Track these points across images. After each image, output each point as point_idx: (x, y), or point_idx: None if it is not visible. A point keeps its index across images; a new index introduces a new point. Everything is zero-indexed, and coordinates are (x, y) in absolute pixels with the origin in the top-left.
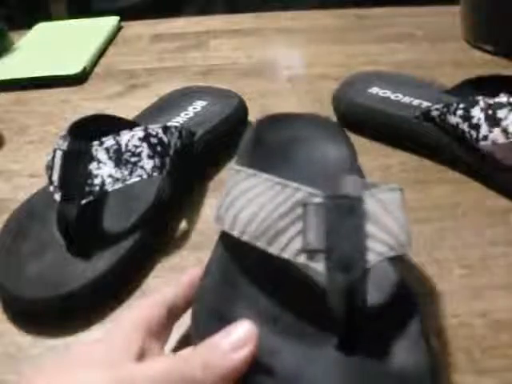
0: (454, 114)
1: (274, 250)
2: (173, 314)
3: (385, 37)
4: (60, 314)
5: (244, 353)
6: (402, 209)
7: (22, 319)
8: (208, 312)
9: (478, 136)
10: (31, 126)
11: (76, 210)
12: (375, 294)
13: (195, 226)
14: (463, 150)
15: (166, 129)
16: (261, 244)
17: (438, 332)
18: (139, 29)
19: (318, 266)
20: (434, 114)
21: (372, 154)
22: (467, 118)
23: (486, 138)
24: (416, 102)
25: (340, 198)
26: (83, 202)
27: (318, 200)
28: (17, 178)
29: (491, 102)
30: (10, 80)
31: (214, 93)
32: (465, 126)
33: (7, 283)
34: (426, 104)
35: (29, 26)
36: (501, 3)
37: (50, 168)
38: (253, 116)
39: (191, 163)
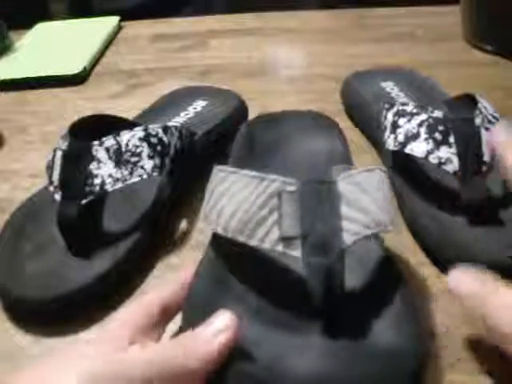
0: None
1: (254, 242)
2: (165, 314)
3: (385, 37)
4: (60, 314)
5: (223, 337)
6: (381, 188)
7: (22, 319)
8: (196, 310)
9: (383, 137)
10: (31, 126)
11: (76, 210)
12: (358, 274)
13: (195, 225)
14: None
15: (166, 129)
16: (242, 238)
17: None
18: (139, 29)
19: (296, 253)
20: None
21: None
22: (385, 117)
23: (385, 142)
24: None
25: (313, 183)
26: (83, 201)
27: (291, 188)
28: (17, 178)
29: (400, 108)
30: (10, 80)
31: (214, 93)
32: (383, 127)
33: (7, 283)
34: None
35: (29, 26)
36: (501, 3)
37: (50, 168)
38: (253, 116)
39: (191, 163)
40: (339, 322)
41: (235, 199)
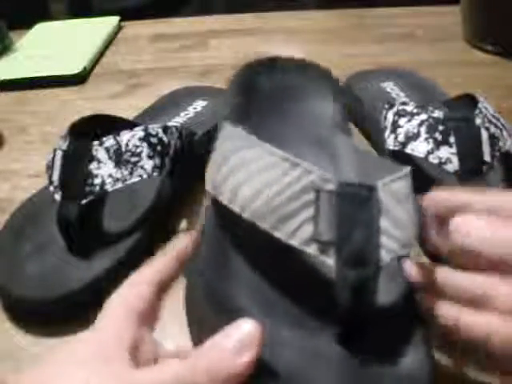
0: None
1: (280, 234)
2: (160, 292)
3: (385, 37)
4: (60, 314)
5: (249, 356)
6: (410, 197)
7: (22, 319)
8: (203, 296)
9: (383, 137)
10: (31, 126)
11: (76, 210)
12: (387, 291)
13: (195, 226)
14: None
15: (166, 129)
16: (265, 226)
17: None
18: (139, 29)
19: (329, 259)
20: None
21: None
22: (385, 117)
23: (385, 141)
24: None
25: (354, 186)
26: (83, 202)
27: (331, 187)
28: (17, 178)
29: (400, 108)
30: (10, 80)
31: (214, 93)
32: (383, 127)
33: (7, 283)
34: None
35: (29, 26)
36: (501, 3)
37: (50, 168)
38: None
39: (191, 163)
40: (362, 338)
41: (259, 178)
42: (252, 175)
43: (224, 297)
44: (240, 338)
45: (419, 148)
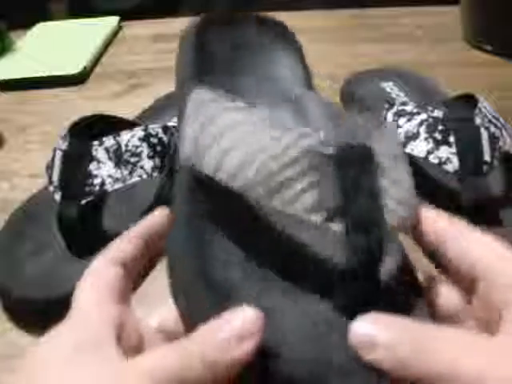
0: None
1: (277, 203)
2: (133, 270)
3: (385, 37)
4: (60, 314)
5: (248, 346)
6: (403, 155)
7: (22, 319)
8: (190, 274)
9: None
10: (31, 126)
11: (76, 210)
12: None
13: None
14: None
15: (165, 129)
16: (259, 194)
17: None
18: (139, 29)
19: (336, 226)
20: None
21: None
22: (385, 117)
23: None
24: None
25: (352, 148)
26: (83, 202)
27: (330, 151)
28: (17, 178)
29: (400, 108)
30: (10, 80)
31: None
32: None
33: (7, 283)
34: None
35: (29, 26)
36: (501, 3)
37: (50, 168)
38: None
39: None
40: (364, 304)
41: (247, 143)
42: (239, 141)
43: (210, 267)
44: (239, 327)
45: (419, 148)
